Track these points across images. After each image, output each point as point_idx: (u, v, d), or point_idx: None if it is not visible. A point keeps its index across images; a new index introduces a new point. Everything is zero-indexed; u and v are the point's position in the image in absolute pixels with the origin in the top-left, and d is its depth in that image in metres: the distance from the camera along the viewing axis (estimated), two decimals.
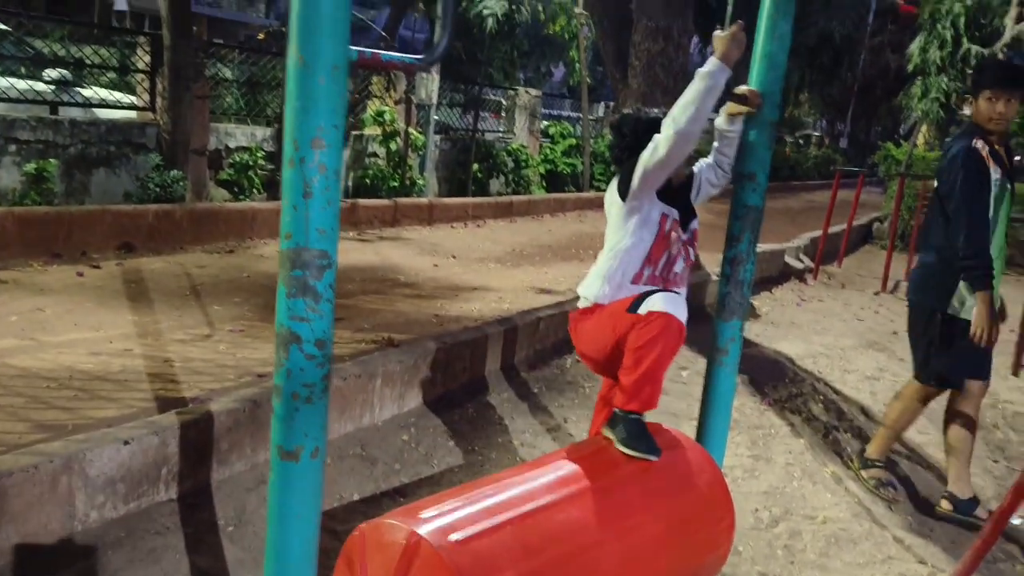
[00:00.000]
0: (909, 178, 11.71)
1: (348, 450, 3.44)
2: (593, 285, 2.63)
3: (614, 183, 2.63)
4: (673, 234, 2.56)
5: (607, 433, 2.44)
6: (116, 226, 6.24)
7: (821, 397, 4.83)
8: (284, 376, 1.62)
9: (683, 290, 2.66)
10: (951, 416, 3.55)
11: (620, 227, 2.58)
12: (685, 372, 4.95)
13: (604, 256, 2.63)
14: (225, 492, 2.95)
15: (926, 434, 4.43)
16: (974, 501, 3.44)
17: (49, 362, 3.82)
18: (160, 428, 2.82)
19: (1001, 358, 6.03)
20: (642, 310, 2.41)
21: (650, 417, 2.59)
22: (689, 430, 3.22)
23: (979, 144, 3.25)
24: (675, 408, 4.39)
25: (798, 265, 8.87)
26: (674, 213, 2.56)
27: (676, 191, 2.64)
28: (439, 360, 4.12)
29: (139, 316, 4.73)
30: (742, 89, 2.65)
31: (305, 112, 1.55)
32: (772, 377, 5.10)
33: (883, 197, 15.54)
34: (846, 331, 6.59)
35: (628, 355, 2.40)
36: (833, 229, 9.72)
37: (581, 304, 2.68)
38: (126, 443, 2.70)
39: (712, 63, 2.40)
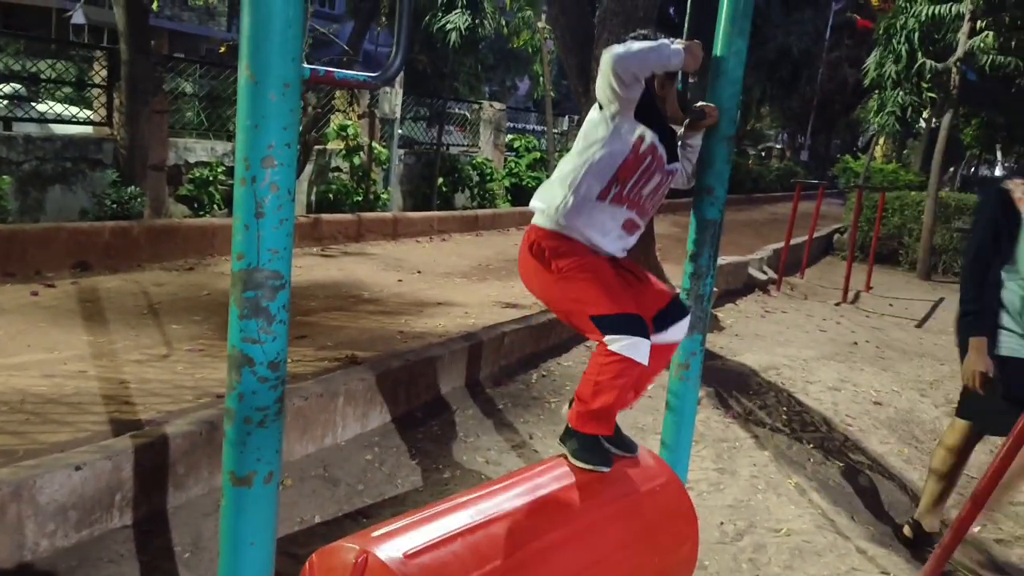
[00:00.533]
0: (867, 190, 11.94)
1: (310, 471, 3.38)
2: (556, 193, 2.48)
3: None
4: (648, 158, 2.46)
5: (561, 446, 2.44)
6: (72, 244, 6.11)
7: (784, 409, 4.87)
8: (236, 400, 1.58)
9: (645, 220, 2.58)
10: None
11: (592, 136, 2.48)
12: (650, 385, 4.96)
13: (570, 161, 2.51)
14: (181, 518, 2.87)
15: (887, 443, 4.48)
16: (937, 536, 3.31)
17: (0, 385, 3.71)
18: (113, 453, 2.74)
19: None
20: (608, 341, 2.35)
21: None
22: (655, 444, 3.22)
23: (1012, 184, 3.08)
24: (641, 422, 4.39)
25: (762, 277, 8.96)
26: (650, 135, 2.46)
27: (660, 119, 2.55)
28: (403, 378, 4.08)
29: (94, 336, 4.62)
30: (700, 105, 2.67)
31: (256, 130, 1.52)
32: (737, 389, 5.13)
33: (843, 209, 15.81)
34: (809, 342, 6.66)
35: (586, 384, 2.38)
36: (795, 241, 9.85)
37: (540, 220, 2.52)
38: (78, 468, 2.62)
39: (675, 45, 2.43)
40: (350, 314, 5.86)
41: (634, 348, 2.33)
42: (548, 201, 2.50)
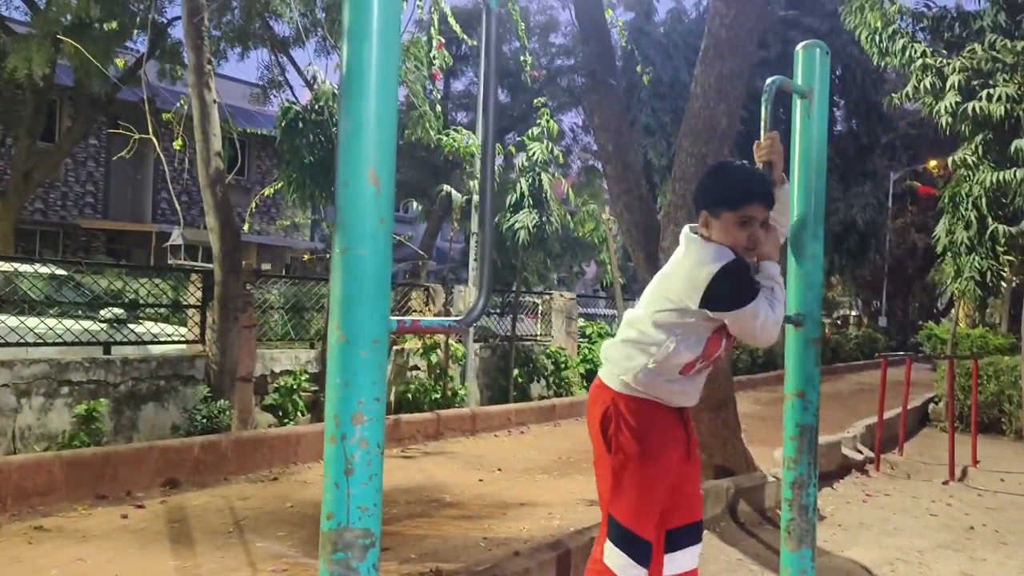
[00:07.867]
0: (957, 359, 11.48)
1: None
2: (635, 358, 2.38)
3: (689, 249, 2.41)
4: (723, 353, 2.44)
5: None
6: (162, 462, 6.24)
7: None
8: None
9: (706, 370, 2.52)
10: None
11: (672, 316, 2.36)
12: None
13: (651, 323, 2.38)
14: None
15: None
16: None
17: None
18: None
19: None
20: (607, 548, 2.35)
21: None
22: None
23: None
24: None
25: (857, 456, 8.50)
26: (725, 337, 2.43)
27: None
28: None
29: (181, 560, 4.60)
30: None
31: (347, 387, 1.55)
32: None
33: (932, 375, 15.18)
34: (920, 529, 6.17)
35: None
36: (888, 414, 9.39)
37: (613, 382, 2.44)
38: None
39: (765, 267, 2.44)
40: (432, 520, 5.74)
41: (624, 570, 2.29)
42: (623, 364, 2.43)
